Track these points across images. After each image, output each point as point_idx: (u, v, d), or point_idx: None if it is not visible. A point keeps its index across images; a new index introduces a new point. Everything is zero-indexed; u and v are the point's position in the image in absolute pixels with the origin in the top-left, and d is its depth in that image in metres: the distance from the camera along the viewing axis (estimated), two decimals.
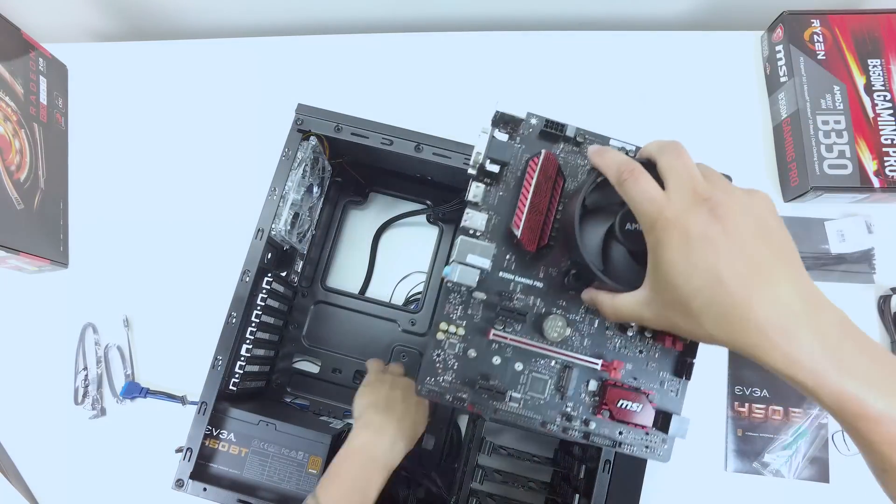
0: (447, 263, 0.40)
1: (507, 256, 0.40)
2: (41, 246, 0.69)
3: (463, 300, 0.40)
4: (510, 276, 0.40)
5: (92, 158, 0.77)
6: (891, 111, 0.66)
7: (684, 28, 0.79)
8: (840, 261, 0.67)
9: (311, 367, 0.67)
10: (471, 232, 0.39)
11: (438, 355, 0.40)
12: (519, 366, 0.40)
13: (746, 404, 0.65)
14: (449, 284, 0.39)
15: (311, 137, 0.57)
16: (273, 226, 0.55)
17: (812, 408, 0.65)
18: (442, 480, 0.61)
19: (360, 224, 0.72)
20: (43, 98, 0.74)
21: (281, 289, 0.62)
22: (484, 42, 0.78)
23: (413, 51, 0.78)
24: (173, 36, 0.83)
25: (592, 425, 0.40)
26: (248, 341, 0.56)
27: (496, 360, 0.40)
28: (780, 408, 0.65)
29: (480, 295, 0.40)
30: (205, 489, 0.50)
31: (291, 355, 0.67)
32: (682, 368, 0.41)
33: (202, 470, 0.52)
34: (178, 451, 0.51)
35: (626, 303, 0.34)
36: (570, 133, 0.41)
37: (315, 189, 0.62)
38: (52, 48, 0.77)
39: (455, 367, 0.40)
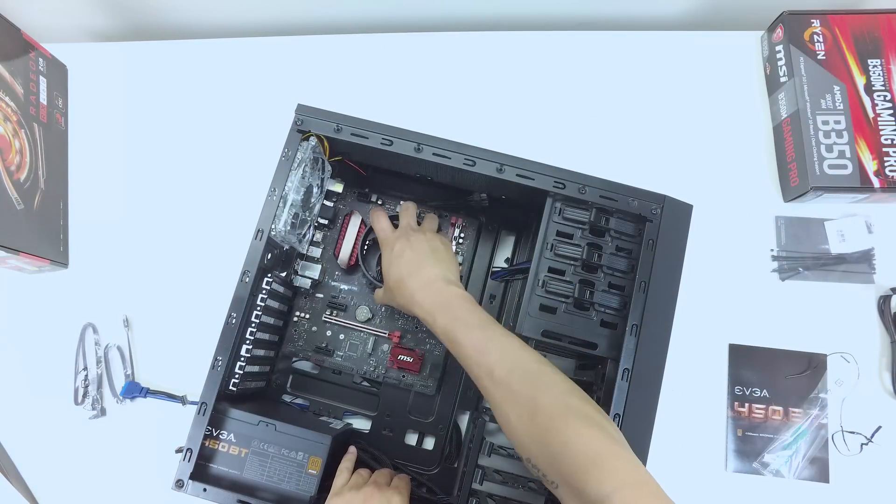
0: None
1: (335, 272, 0.66)
2: (41, 246, 0.69)
3: (307, 298, 0.66)
4: (336, 284, 0.66)
5: (92, 158, 0.77)
6: (891, 111, 0.66)
7: (684, 28, 0.79)
8: (840, 261, 0.67)
9: (311, 368, 0.67)
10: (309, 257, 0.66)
11: (295, 330, 0.66)
12: (342, 336, 0.65)
13: (746, 404, 0.65)
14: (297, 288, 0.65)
15: (311, 138, 0.57)
16: (273, 226, 0.55)
17: (812, 408, 0.65)
18: (436, 481, 0.61)
19: None
20: (43, 98, 0.74)
21: (281, 289, 0.62)
22: (484, 42, 0.78)
23: (413, 51, 0.78)
24: (173, 36, 0.83)
25: (384, 371, 0.64)
26: (248, 342, 0.56)
27: (328, 333, 0.65)
28: (780, 408, 0.65)
29: (319, 294, 0.66)
30: (205, 490, 0.50)
31: (291, 355, 0.67)
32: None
33: (202, 470, 0.52)
34: (178, 451, 0.51)
35: (378, 293, 0.62)
36: (373, 199, 0.67)
37: (315, 189, 0.62)
38: (52, 48, 0.77)
39: (305, 338, 0.66)
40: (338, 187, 0.66)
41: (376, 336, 0.65)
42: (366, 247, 0.66)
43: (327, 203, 0.65)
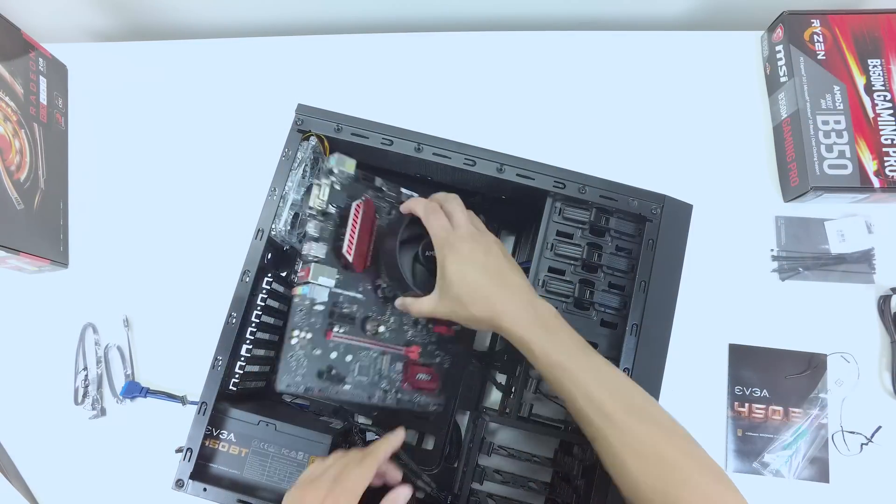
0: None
1: (338, 276, 0.52)
2: (41, 246, 0.69)
3: (306, 312, 0.50)
4: (340, 291, 0.53)
5: (92, 158, 0.77)
6: (891, 111, 0.66)
7: (684, 28, 0.79)
8: (840, 261, 0.67)
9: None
10: (312, 258, 0.51)
11: (292, 356, 0.50)
12: (349, 357, 0.53)
13: (746, 404, 0.65)
14: (296, 300, 0.50)
15: (311, 137, 0.57)
16: (273, 226, 0.55)
17: (812, 408, 0.65)
18: (436, 481, 0.60)
19: None
20: (43, 98, 0.74)
21: (281, 289, 0.62)
22: (484, 42, 0.78)
23: (413, 51, 0.78)
24: (173, 36, 0.83)
25: (399, 395, 0.55)
26: (248, 341, 0.56)
27: (334, 354, 0.52)
28: (780, 408, 0.65)
29: (319, 307, 0.51)
30: (205, 489, 0.50)
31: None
32: (455, 349, 0.59)
33: (202, 470, 0.52)
34: (178, 451, 0.51)
35: (426, 303, 0.50)
36: (377, 184, 0.56)
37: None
38: (52, 48, 0.77)
39: (305, 364, 0.51)
40: None
41: (390, 352, 0.56)
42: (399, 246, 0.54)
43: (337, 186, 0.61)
